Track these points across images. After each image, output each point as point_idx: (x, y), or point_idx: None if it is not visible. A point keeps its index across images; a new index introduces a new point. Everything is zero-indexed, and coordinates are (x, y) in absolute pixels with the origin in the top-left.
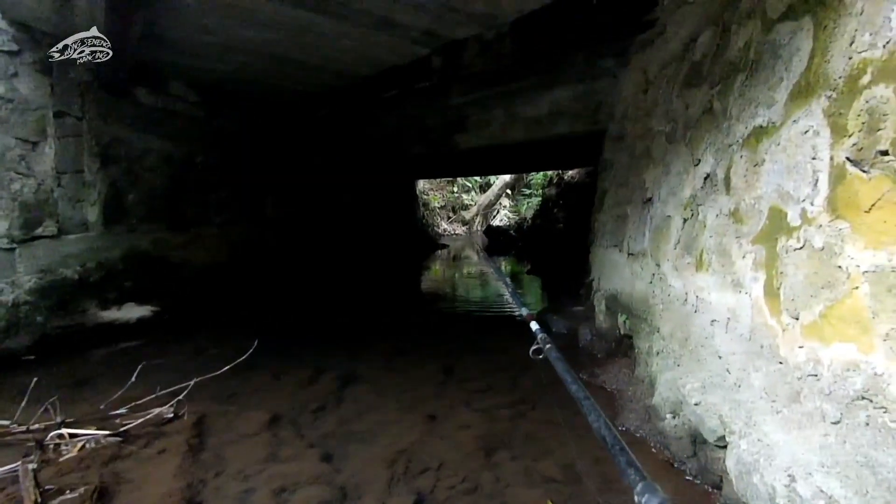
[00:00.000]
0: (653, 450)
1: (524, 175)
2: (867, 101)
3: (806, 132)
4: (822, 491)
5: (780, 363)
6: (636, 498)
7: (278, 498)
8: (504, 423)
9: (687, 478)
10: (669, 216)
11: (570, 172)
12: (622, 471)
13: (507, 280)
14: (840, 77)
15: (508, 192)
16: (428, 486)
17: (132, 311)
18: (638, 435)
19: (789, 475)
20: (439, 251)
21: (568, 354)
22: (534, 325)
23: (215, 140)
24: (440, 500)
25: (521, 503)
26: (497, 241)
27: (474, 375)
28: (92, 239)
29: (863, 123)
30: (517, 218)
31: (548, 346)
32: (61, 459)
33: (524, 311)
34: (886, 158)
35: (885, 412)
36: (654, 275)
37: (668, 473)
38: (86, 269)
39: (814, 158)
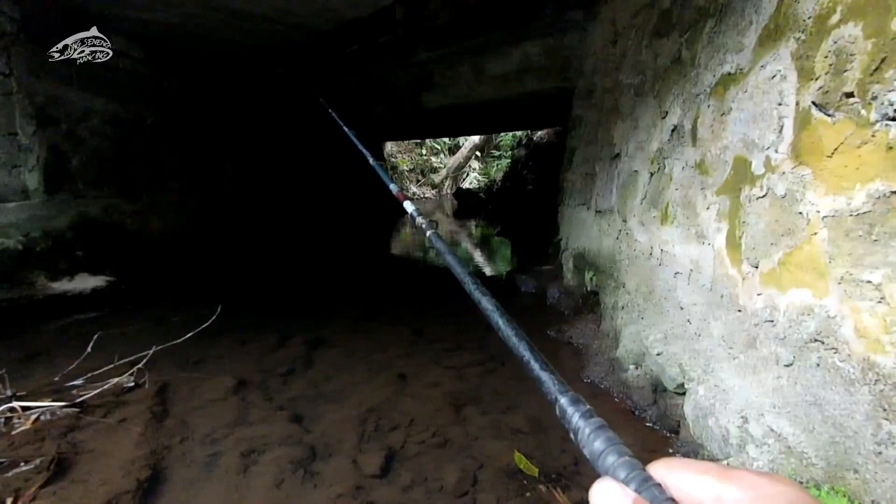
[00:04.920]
0: (615, 399)
1: (493, 136)
2: (835, 42)
3: (773, 77)
4: (772, 430)
5: (739, 311)
6: (558, 415)
7: (247, 459)
8: (473, 380)
9: (647, 424)
10: (636, 171)
11: (540, 133)
12: (538, 382)
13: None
14: (809, 17)
15: (478, 154)
16: (398, 442)
17: (86, 282)
18: (602, 386)
19: (742, 417)
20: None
21: (536, 312)
22: (408, 206)
23: (167, 100)
24: (411, 454)
25: (489, 454)
26: (467, 204)
27: (444, 336)
28: (34, 207)
29: (830, 65)
30: (487, 180)
31: (429, 232)
32: (14, 433)
33: (393, 188)
34: (851, 101)
35: (835, 353)
36: (620, 231)
37: (629, 421)
38: (30, 239)
39: (780, 104)
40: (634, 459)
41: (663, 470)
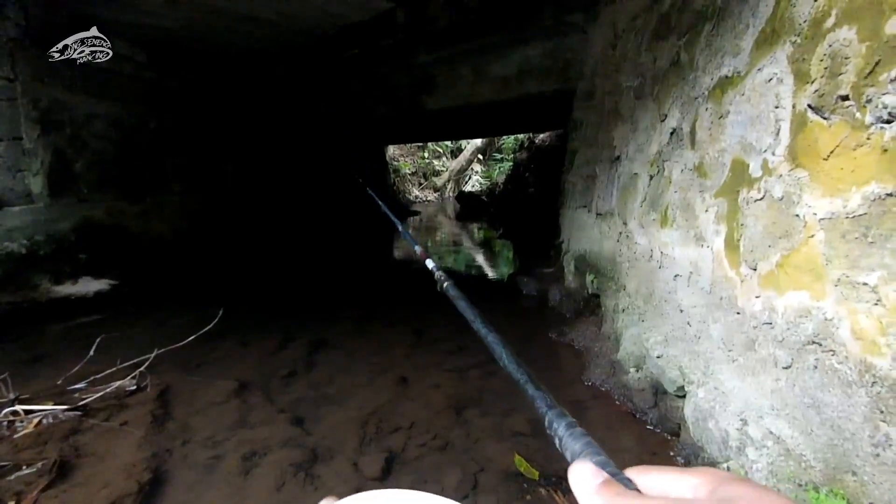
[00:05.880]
0: (616, 402)
1: (495, 140)
2: (830, 45)
3: (770, 80)
4: (771, 432)
5: (738, 314)
6: (546, 427)
7: (248, 462)
8: (474, 382)
9: (648, 427)
10: (636, 174)
11: (541, 136)
12: (531, 399)
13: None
14: (805, 21)
15: (480, 157)
16: (399, 445)
17: (89, 285)
18: (603, 389)
19: (742, 419)
20: (411, 218)
21: (537, 315)
22: (429, 263)
23: (169, 103)
24: (411, 457)
25: (489, 457)
26: (469, 207)
27: (445, 337)
28: (38, 210)
29: (825, 68)
30: (489, 183)
31: (446, 283)
32: (16, 436)
33: (418, 248)
34: (846, 104)
35: (832, 355)
36: (620, 233)
37: (629, 424)
38: (34, 243)
39: (777, 107)
40: (608, 459)
41: (633, 474)
